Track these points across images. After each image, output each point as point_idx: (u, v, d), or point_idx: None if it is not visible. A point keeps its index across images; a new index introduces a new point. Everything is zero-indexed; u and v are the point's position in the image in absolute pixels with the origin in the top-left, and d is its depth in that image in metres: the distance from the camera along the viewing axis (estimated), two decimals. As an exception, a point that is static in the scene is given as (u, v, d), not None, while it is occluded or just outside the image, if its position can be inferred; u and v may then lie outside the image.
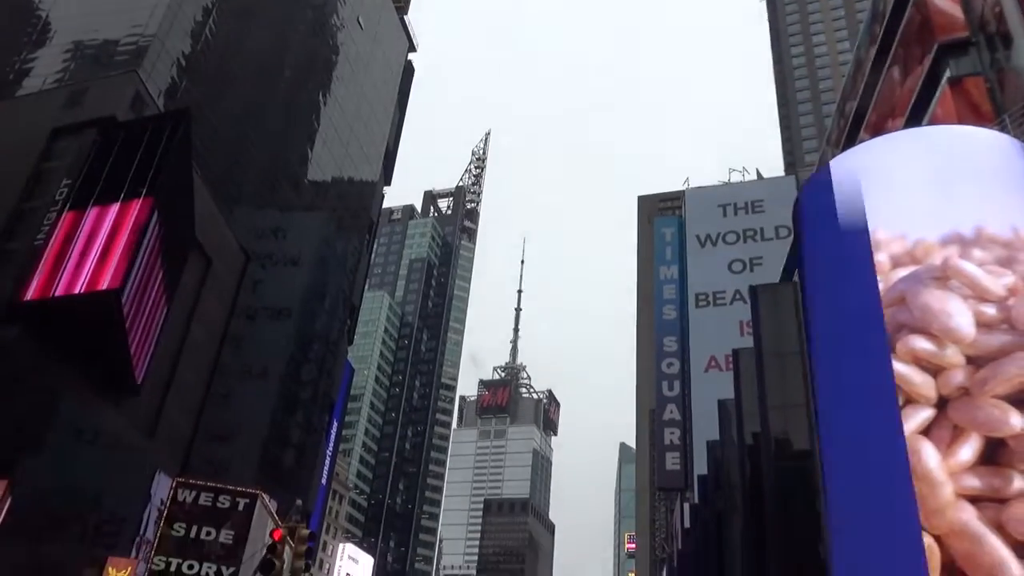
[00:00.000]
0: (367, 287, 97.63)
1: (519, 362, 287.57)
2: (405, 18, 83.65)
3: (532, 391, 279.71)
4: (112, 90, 35.83)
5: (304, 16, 62.91)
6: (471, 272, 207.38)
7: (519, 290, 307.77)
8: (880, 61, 29.12)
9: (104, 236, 28.31)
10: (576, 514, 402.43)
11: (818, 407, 14.39)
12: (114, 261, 27.57)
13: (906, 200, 14.61)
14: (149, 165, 30.02)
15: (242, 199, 51.74)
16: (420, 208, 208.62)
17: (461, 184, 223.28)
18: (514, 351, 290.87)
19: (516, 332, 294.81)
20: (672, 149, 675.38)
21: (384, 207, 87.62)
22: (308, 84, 62.58)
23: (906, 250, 13.70)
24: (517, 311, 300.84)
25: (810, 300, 15.70)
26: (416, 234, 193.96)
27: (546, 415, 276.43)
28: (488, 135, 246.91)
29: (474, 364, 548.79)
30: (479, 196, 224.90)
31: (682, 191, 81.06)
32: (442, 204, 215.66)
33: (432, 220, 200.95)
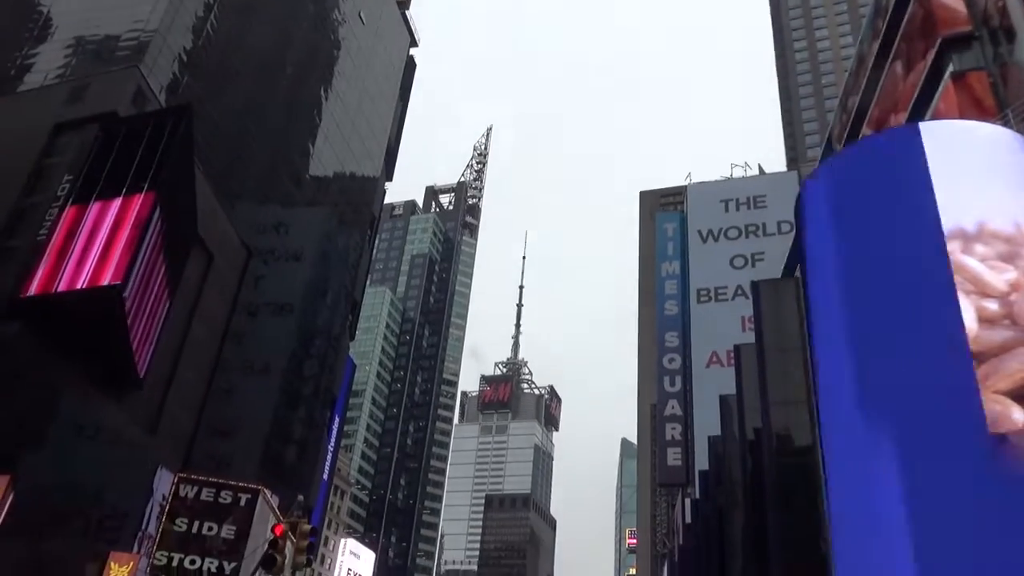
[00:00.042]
0: (369, 283, 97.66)
1: (521, 358, 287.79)
2: (407, 13, 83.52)
3: (533, 387, 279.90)
4: (114, 85, 35.84)
5: (306, 11, 62.83)
6: (472, 268, 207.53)
7: (520, 286, 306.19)
8: (883, 56, 29.03)
9: (106, 231, 28.34)
10: (577, 509, 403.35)
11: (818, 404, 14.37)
12: (116, 256, 27.61)
13: (908, 195, 14.58)
14: (151, 160, 30.03)
15: (244, 194, 51.74)
16: (422, 203, 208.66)
17: (463, 180, 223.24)
18: (516, 347, 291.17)
19: (518, 328, 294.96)
20: (674, 144, 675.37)
21: (386, 202, 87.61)
22: (310, 79, 62.53)
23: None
24: (519, 307, 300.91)
25: (822, 296, 15.65)
26: (418, 229, 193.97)
27: (547, 410, 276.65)
28: (490, 131, 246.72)
29: (475, 360, 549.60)
30: (481, 192, 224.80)
31: (684, 186, 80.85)
32: (444, 200, 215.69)
33: (434, 216, 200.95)
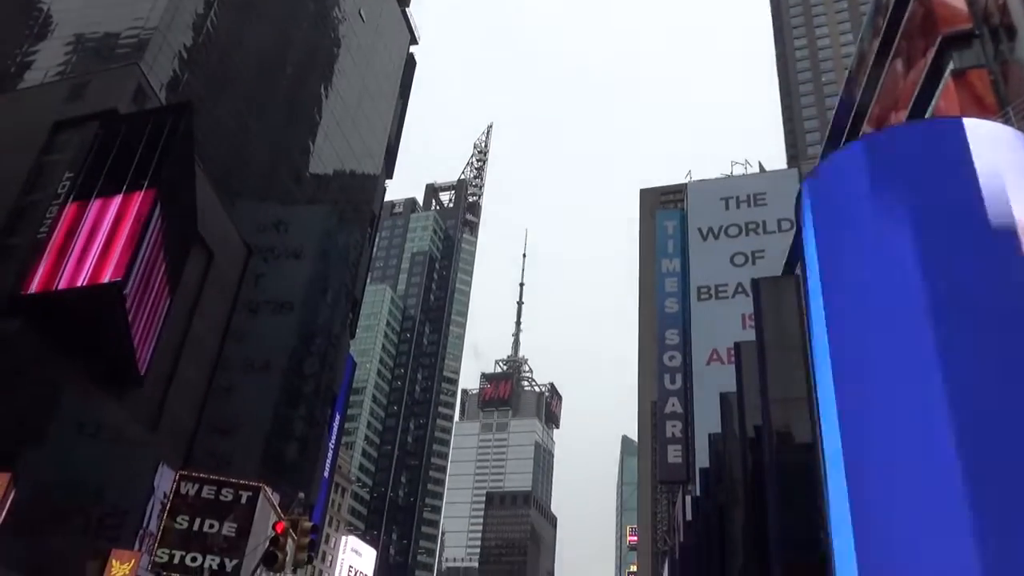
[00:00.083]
0: (369, 280, 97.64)
1: (521, 355, 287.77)
2: (407, 11, 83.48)
3: (534, 384, 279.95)
4: (114, 83, 35.83)
5: (306, 9, 62.78)
6: (473, 265, 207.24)
7: (521, 283, 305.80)
8: (883, 54, 29.00)
9: (107, 228, 28.34)
10: (578, 507, 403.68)
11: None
12: (116, 254, 27.62)
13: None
14: (151, 158, 30.03)
15: (244, 192, 51.75)
16: (422, 201, 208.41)
17: (463, 177, 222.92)
18: (516, 344, 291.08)
19: (518, 325, 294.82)
20: (674, 142, 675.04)
21: (386, 200, 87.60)
22: (310, 77, 62.51)
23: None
24: (519, 304, 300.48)
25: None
26: (418, 227, 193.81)
27: (548, 408, 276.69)
28: (490, 128, 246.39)
29: (476, 357, 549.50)
30: (481, 189, 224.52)
31: (684, 184, 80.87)
32: (444, 197, 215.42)
33: (434, 213, 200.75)
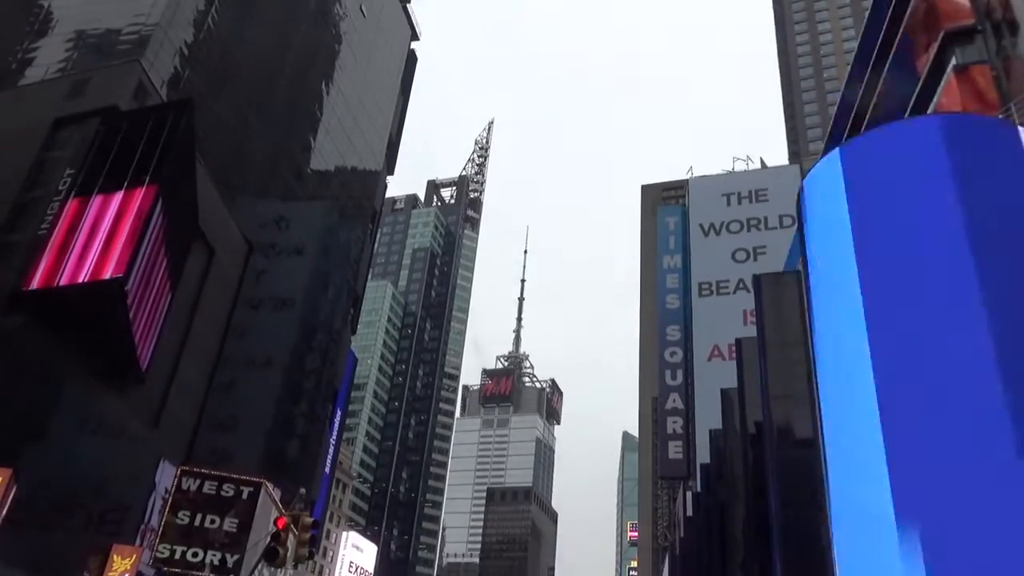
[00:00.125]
0: (370, 276, 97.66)
1: (522, 351, 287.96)
2: (407, 7, 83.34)
3: (535, 380, 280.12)
4: (115, 80, 35.81)
5: (307, 5, 62.69)
6: (474, 262, 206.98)
7: (522, 279, 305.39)
8: (884, 51, 28.96)
9: (108, 225, 28.36)
10: (579, 503, 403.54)
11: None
12: (118, 249, 27.64)
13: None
14: (152, 154, 30.03)
15: (245, 188, 51.74)
16: (423, 197, 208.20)
17: (464, 174, 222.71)
18: (517, 340, 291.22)
19: (519, 321, 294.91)
20: (676, 138, 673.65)
21: (387, 196, 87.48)
22: (311, 73, 62.44)
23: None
24: (520, 300, 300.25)
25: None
26: (419, 223, 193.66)
27: (549, 404, 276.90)
28: (491, 124, 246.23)
29: (477, 353, 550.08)
30: (482, 185, 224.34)
31: (686, 180, 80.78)
32: (445, 193, 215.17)
33: (435, 209, 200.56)
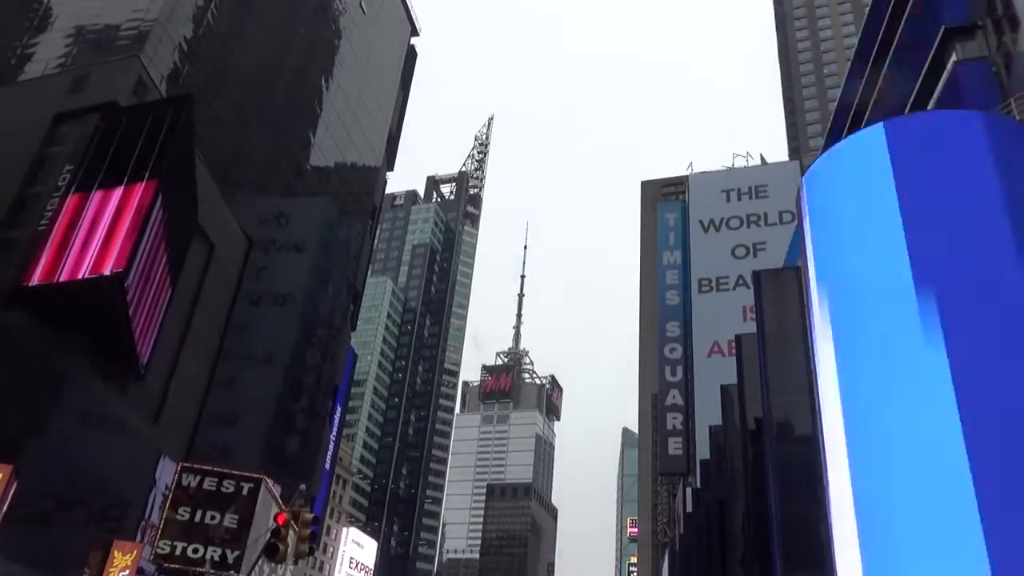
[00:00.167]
0: (370, 273, 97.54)
1: (522, 347, 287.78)
2: (407, 2, 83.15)
3: (535, 376, 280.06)
4: (114, 75, 35.75)
5: (306, 1, 62.54)
6: (474, 258, 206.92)
7: (522, 275, 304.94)
8: (884, 48, 28.91)
9: (108, 220, 28.35)
10: (579, 499, 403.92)
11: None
12: (118, 244, 27.64)
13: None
14: (152, 150, 30.01)
15: (244, 184, 51.67)
16: (423, 193, 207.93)
17: (464, 169, 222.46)
18: (517, 336, 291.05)
19: (519, 317, 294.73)
20: (676, 134, 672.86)
21: (387, 192, 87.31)
22: (310, 69, 62.33)
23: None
24: (520, 296, 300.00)
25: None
26: (419, 219, 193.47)
27: (549, 400, 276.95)
28: (491, 120, 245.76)
29: (477, 349, 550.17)
30: (482, 181, 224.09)
31: (686, 176, 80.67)
32: (445, 189, 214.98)
33: (435, 205, 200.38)
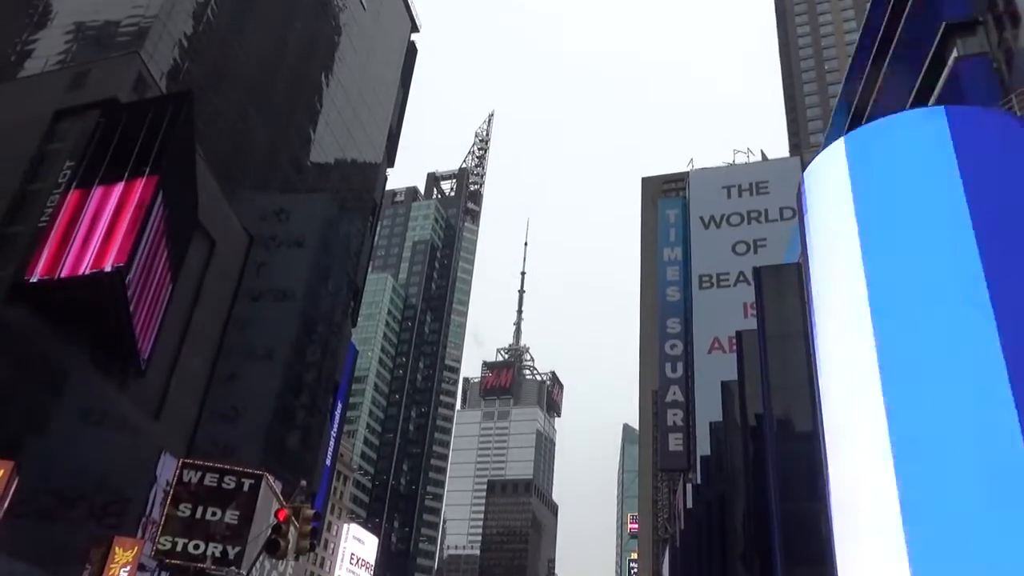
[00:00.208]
0: (370, 269, 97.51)
1: (523, 344, 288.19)
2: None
3: (535, 373, 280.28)
4: (114, 72, 35.71)
5: (306, -4, 62.42)
6: (474, 254, 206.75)
7: (522, 272, 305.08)
8: (884, 47, 28.87)
9: (109, 215, 28.35)
10: (579, 495, 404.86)
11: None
12: (119, 239, 27.65)
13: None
14: (152, 146, 30.01)
15: (245, 181, 51.64)
16: (423, 190, 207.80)
17: (464, 166, 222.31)
18: (518, 333, 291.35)
19: (519, 314, 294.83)
20: (676, 130, 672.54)
21: (387, 189, 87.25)
22: (310, 65, 62.24)
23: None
24: (520, 293, 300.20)
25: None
26: (419, 216, 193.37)
27: (549, 396, 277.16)
28: (491, 117, 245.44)
29: (477, 346, 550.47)
30: (482, 178, 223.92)
31: (686, 172, 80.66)
32: (445, 186, 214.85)
33: (435, 202, 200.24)
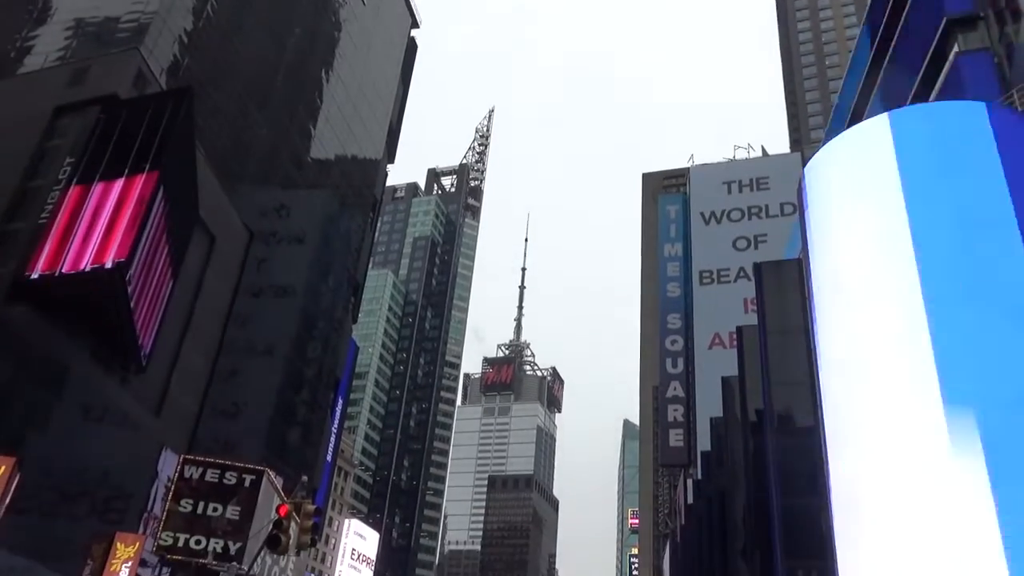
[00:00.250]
0: (371, 265, 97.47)
1: (523, 339, 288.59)
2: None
3: (536, 368, 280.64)
4: (114, 68, 35.66)
5: (306, -8, 62.29)
6: (475, 250, 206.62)
7: (523, 267, 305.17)
8: (887, 37, 28.82)
9: (109, 211, 28.33)
10: (580, 490, 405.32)
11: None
12: (120, 235, 27.62)
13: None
14: (152, 142, 29.97)
15: (245, 177, 51.61)
16: (424, 186, 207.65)
17: (464, 162, 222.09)
18: (518, 328, 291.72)
19: (520, 310, 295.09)
20: (677, 126, 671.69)
21: (387, 185, 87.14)
22: (310, 61, 62.16)
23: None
24: (521, 288, 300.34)
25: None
26: (420, 212, 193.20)
27: (550, 392, 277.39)
28: (492, 112, 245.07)
29: (478, 342, 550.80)
30: (483, 174, 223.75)
31: (687, 168, 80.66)
32: (445, 182, 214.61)
33: (436, 198, 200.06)
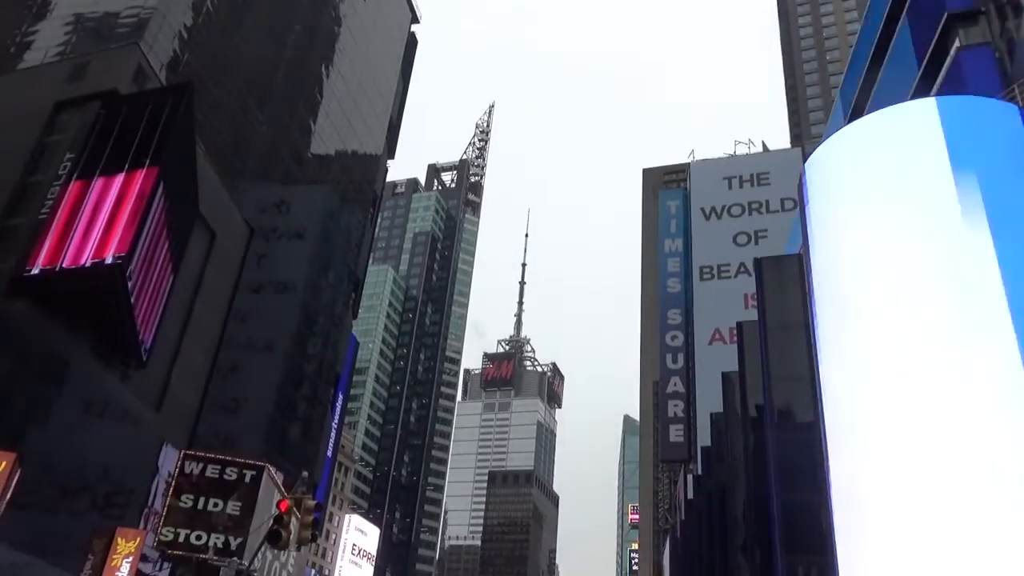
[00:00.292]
0: (371, 261, 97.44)
1: (523, 335, 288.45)
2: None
3: (536, 364, 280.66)
4: (114, 63, 35.60)
5: (306, -13, 62.14)
6: (475, 245, 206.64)
7: (523, 263, 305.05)
8: (887, 35, 28.80)
9: (110, 206, 28.30)
10: (580, 486, 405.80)
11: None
12: (120, 230, 27.60)
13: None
14: (152, 137, 29.94)
15: (245, 172, 51.56)
16: (424, 181, 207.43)
17: (465, 157, 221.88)
18: (518, 324, 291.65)
19: (520, 305, 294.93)
20: (677, 122, 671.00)
21: (388, 180, 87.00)
22: (310, 56, 62.05)
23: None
24: (521, 284, 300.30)
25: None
26: (420, 207, 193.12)
27: (550, 388, 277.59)
28: (492, 108, 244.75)
29: (478, 337, 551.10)
30: (483, 169, 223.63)
31: (687, 164, 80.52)
32: (446, 177, 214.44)
33: (436, 194, 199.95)
